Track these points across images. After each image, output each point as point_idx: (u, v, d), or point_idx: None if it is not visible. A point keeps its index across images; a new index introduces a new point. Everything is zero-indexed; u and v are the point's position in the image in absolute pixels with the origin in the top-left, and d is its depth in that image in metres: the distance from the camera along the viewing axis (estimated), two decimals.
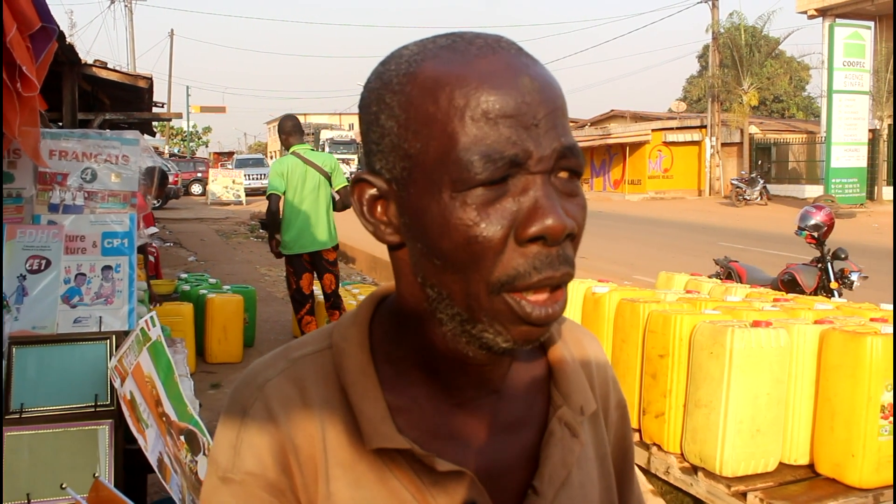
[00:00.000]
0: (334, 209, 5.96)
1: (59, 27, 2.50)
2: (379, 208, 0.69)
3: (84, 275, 2.71)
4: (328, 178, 5.87)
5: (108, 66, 8.14)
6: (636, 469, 0.93)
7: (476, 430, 0.73)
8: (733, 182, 25.09)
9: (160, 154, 33.19)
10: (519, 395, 0.76)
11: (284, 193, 5.75)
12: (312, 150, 6.00)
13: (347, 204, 5.92)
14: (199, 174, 32.91)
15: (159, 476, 2.26)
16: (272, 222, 5.86)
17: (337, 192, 5.94)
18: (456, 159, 0.62)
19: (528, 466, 0.74)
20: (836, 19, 24.28)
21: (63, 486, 2.05)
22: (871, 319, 3.57)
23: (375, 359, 0.73)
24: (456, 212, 0.62)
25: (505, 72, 0.64)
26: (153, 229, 5.56)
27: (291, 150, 5.84)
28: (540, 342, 0.68)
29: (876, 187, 24.27)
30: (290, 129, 5.89)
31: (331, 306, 6.09)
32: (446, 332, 0.68)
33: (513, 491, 0.73)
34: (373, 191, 0.69)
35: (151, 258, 7.93)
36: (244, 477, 0.70)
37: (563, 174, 0.65)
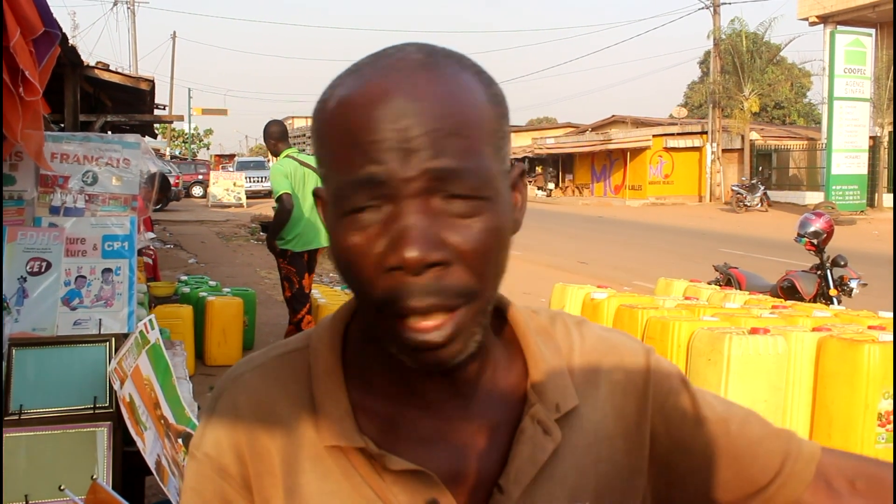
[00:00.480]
0: None
1: (61, 31, 2.52)
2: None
3: (84, 277, 2.72)
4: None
5: (111, 68, 8.16)
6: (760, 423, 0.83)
7: (443, 433, 0.74)
8: (734, 188, 25.11)
9: (161, 156, 33.26)
10: (494, 399, 0.76)
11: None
12: (301, 152, 6.06)
13: None
14: (201, 176, 32.94)
15: (157, 478, 2.27)
16: (285, 222, 5.83)
17: None
18: (335, 186, 0.66)
19: (497, 467, 0.74)
20: (838, 26, 24.33)
21: (61, 487, 2.06)
22: (869, 327, 3.58)
23: (346, 360, 0.76)
24: (339, 234, 0.66)
25: (377, 95, 0.64)
26: (150, 235, 5.57)
27: (284, 154, 5.89)
28: (450, 365, 0.67)
29: (876, 194, 24.29)
30: (280, 135, 5.96)
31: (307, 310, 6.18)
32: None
33: (483, 491, 0.73)
34: (324, 203, 0.73)
35: (149, 260, 7.95)
36: (202, 456, 0.77)
37: (455, 199, 0.64)
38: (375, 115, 0.63)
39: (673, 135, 30.07)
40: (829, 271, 6.02)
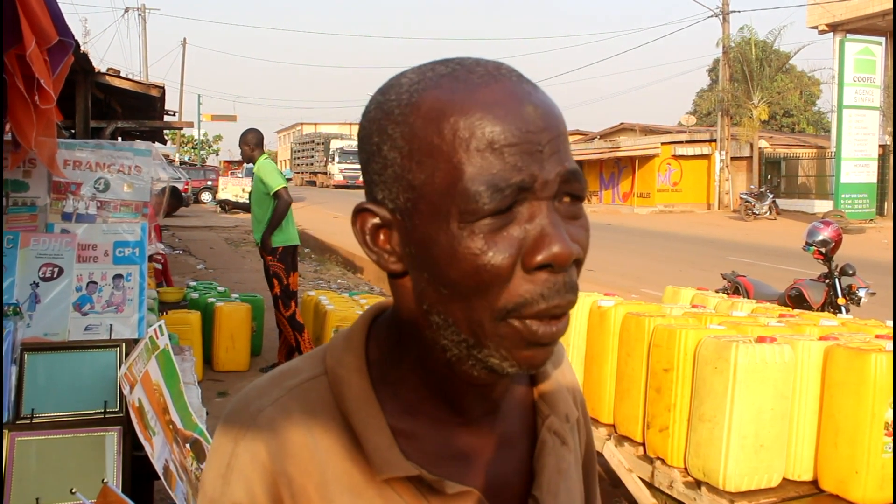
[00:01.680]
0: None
1: (75, 40, 2.55)
2: (381, 237, 0.69)
3: (95, 283, 2.76)
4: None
5: (121, 74, 8.22)
6: (630, 490, 0.97)
7: (478, 448, 0.74)
8: (742, 196, 25.04)
9: (171, 162, 33.39)
10: (512, 409, 0.77)
11: None
12: (267, 158, 6.44)
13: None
14: (210, 182, 33.07)
15: (164, 484, 2.29)
16: (284, 216, 6.10)
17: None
18: (463, 190, 0.62)
19: (524, 478, 0.75)
20: (847, 35, 24.28)
21: (73, 490, 2.09)
22: (877, 336, 3.57)
23: (373, 382, 0.73)
24: (464, 241, 0.63)
25: (508, 100, 0.64)
26: (160, 245, 5.65)
27: (264, 158, 6.30)
28: (541, 367, 0.68)
29: (886, 203, 24.17)
30: (257, 143, 6.36)
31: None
32: (451, 357, 0.69)
33: (514, 503, 0.74)
34: (375, 220, 0.69)
35: (159, 265, 7.99)
36: None
37: (566, 199, 0.66)
38: (513, 120, 0.63)
39: (682, 142, 30.01)
40: (837, 280, 6.00)
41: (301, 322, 6.28)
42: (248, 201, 6.57)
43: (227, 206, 6.44)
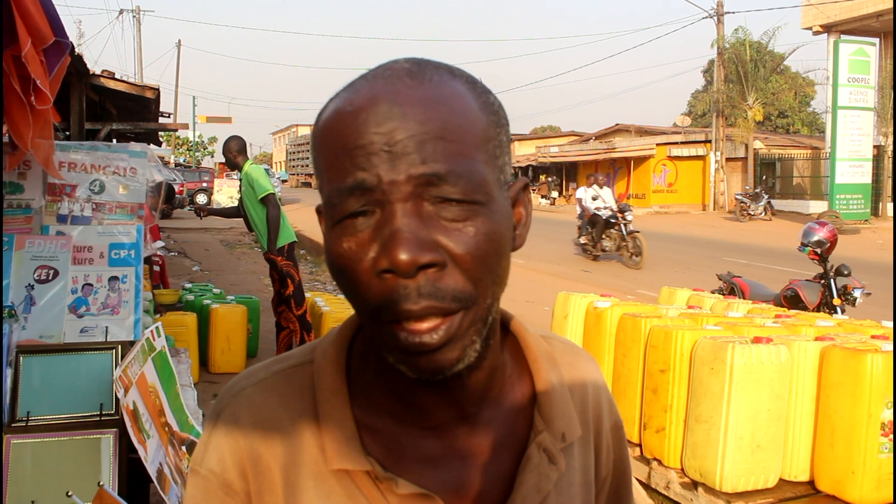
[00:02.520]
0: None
1: (71, 41, 2.54)
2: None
3: (91, 285, 2.75)
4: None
5: (116, 76, 8.21)
6: (634, 490, 0.95)
7: (449, 454, 0.73)
8: (738, 197, 25.09)
9: (165, 164, 33.32)
10: (500, 419, 0.76)
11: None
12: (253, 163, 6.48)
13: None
14: (205, 184, 33.01)
15: (158, 488, 2.28)
16: (279, 221, 6.12)
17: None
18: (326, 193, 0.67)
19: (502, 491, 0.74)
20: (842, 35, 24.35)
21: (69, 493, 2.08)
22: (873, 337, 3.58)
23: (351, 377, 0.75)
24: (331, 244, 0.66)
25: (365, 102, 0.64)
26: (160, 243, 5.64)
27: (249, 163, 6.34)
28: (448, 373, 0.66)
29: (880, 203, 24.25)
30: (239, 149, 6.39)
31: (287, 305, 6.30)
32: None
33: None
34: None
35: (157, 267, 7.97)
36: (207, 472, 0.75)
37: (443, 202, 0.63)
38: (360, 121, 0.63)
39: (677, 143, 30.06)
40: (832, 280, 6.02)
41: (310, 322, 6.33)
42: (226, 206, 6.59)
43: (202, 212, 6.29)
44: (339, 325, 0.79)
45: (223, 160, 6.68)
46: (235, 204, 7.09)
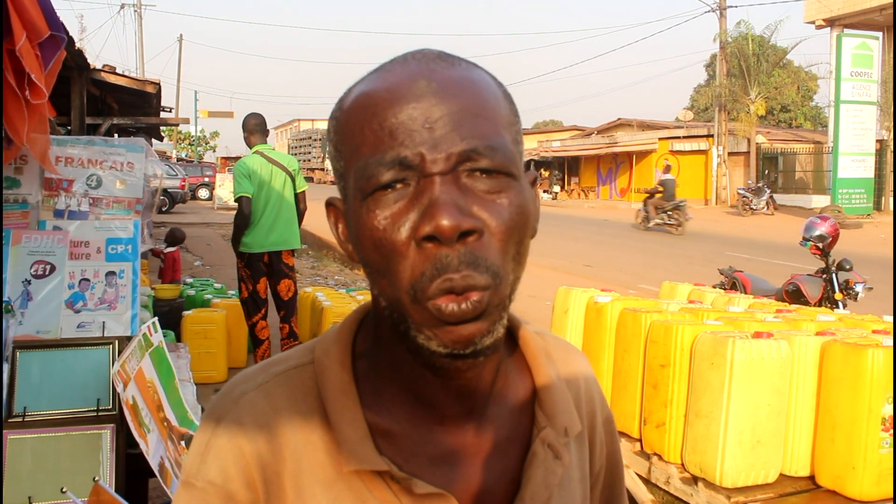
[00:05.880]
0: (298, 215, 5.83)
1: (67, 35, 2.53)
2: (341, 227, 0.74)
3: (88, 280, 2.74)
4: (292, 179, 5.77)
5: (117, 70, 8.20)
6: (630, 483, 0.96)
7: (459, 451, 0.73)
8: (740, 191, 25.05)
9: (167, 158, 33.35)
10: (503, 415, 0.75)
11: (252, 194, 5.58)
12: (273, 149, 5.87)
13: (303, 210, 5.90)
14: (207, 178, 33.05)
15: (160, 480, 2.28)
16: (244, 226, 5.60)
17: (298, 195, 5.83)
18: (358, 168, 0.66)
19: (510, 488, 0.73)
20: (844, 30, 24.27)
21: (63, 489, 2.07)
22: (874, 331, 3.56)
23: (357, 375, 0.73)
24: (363, 218, 0.65)
25: (400, 80, 0.66)
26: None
27: (254, 149, 5.71)
28: (478, 346, 0.66)
29: (883, 198, 24.21)
30: (254, 127, 5.75)
31: (283, 318, 5.82)
32: (409, 344, 0.68)
33: None
34: (337, 211, 0.74)
35: (160, 258, 7.98)
36: (205, 485, 0.71)
37: (480, 174, 0.65)
38: (399, 97, 0.65)
39: (679, 138, 30.03)
40: (834, 275, 6.00)
41: (259, 338, 5.80)
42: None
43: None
44: (337, 323, 0.78)
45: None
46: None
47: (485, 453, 0.74)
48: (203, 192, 32.50)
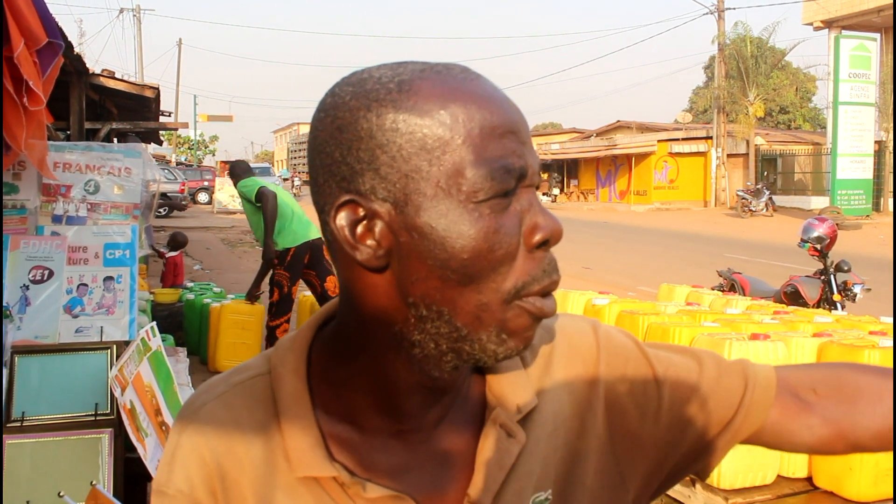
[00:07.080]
0: None
1: (65, 42, 2.54)
2: (360, 230, 0.66)
3: (86, 285, 2.75)
4: None
5: (116, 75, 8.21)
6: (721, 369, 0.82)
7: (418, 450, 0.73)
8: (739, 193, 25.06)
9: (167, 163, 33.37)
10: (463, 406, 0.76)
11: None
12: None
13: None
14: (206, 183, 33.05)
15: None
16: (275, 215, 5.79)
17: None
18: (472, 173, 0.63)
19: (469, 476, 0.73)
20: (842, 31, 24.31)
21: (61, 494, 2.08)
22: (870, 333, 3.57)
23: (313, 382, 0.74)
24: (476, 223, 0.64)
25: (494, 94, 0.67)
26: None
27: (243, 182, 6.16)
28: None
29: (882, 199, 24.23)
30: (243, 172, 6.25)
31: None
32: (419, 354, 0.68)
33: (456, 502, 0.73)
34: (360, 212, 0.66)
35: (162, 259, 7.98)
36: (175, 493, 0.74)
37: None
38: (504, 110, 0.67)
39: (678, 140, 30.05)
40: (832, 276, 6.01)
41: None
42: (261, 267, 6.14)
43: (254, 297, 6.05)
44: (293, 332, 0.78)
45: (224, 159, 6.64)
46: (237, 202, 6.98)
47: (444, 448, 0.74)
48: (202, 196, 32.50)
